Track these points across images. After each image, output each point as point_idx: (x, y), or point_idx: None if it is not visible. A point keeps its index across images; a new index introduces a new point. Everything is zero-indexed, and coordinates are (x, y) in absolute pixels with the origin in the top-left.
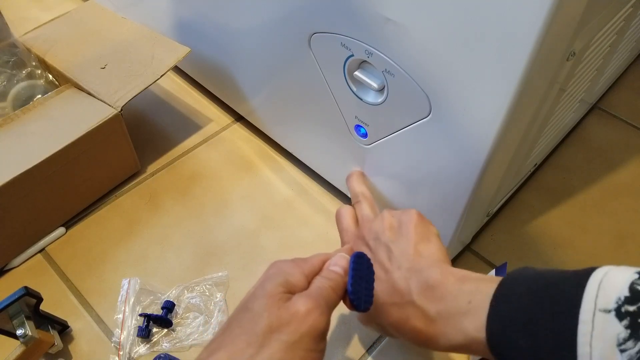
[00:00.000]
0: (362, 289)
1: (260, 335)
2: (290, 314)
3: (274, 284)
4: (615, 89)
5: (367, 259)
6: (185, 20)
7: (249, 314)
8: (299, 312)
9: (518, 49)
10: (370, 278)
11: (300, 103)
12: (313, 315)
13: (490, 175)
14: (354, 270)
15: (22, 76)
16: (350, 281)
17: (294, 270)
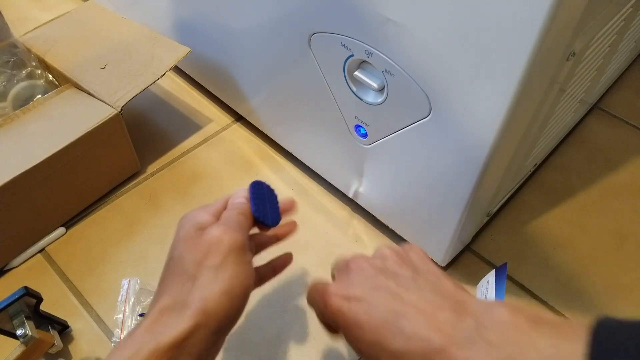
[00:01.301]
0: (266, 208)
1: (190, 271)
2: (207, 242)
3: (186, 229)
4: (615, 89)
5: (266, 185)
6: (185, 20)
7: (175, 260)
8: (214, 237)
9: (518, 49)
10: (272, 199)
11: (300, 103)
12: (227, 235)
13: (490, 175)
14: (254, 194)
15: (22, 76)
16: (252, 202)
17: (201, 213)
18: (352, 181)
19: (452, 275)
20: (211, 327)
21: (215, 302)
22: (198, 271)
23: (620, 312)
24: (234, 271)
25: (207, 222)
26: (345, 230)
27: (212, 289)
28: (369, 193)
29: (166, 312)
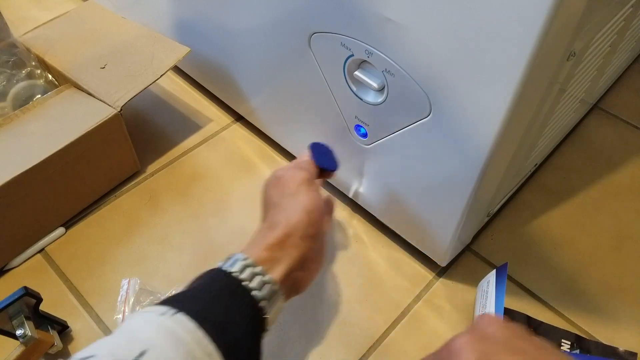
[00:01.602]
0: (325, 159)
1: (275, 201)
2: (284, 180)
3: (270, 180)
4: (615, 89)
5: (323, 143)
6: (185, 20)
7: (266, 199)
8: (288, 175)
9: (518, 48)
10: (330, 152)
11: (300, 103)
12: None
13: (491, 175)
14: (314, 151)
15: (22, 76)
16: (314, 155)
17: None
18: (352, 181)
19: (453, 275)
20: (299, 234)
21: (297, 217)
22: (281, 200)
23: (621, 311)
24: (306, 194)
25: (282, 172)
26: (345, 230)
27: (293, 208)
28: (369, 193)
29: (266, 229)
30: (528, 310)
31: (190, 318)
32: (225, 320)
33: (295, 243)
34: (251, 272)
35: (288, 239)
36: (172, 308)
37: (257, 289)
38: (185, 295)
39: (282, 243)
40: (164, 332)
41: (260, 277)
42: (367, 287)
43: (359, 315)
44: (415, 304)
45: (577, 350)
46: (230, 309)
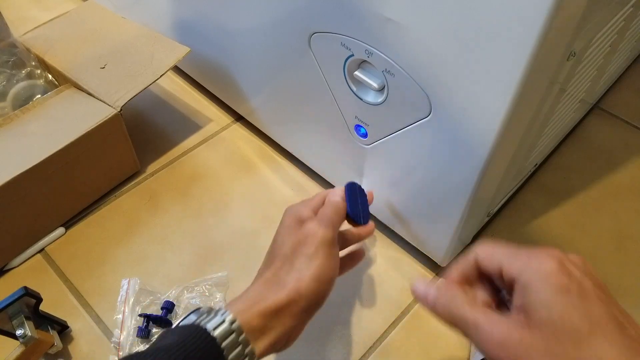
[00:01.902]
0: (359, 208)
1: (288, 254)
2: (305, 234)
3: (289, 220)
4: (615, 89)
5: (359, 185)
6: (185, 20)
7: (278, 244)
8: (310, 230)
9: (518, 48)
10: (364, 201)
11: (300, 103)
12: (321, 230)
13: (491, 175)
14: (350, 195)
15: (22, 76)
16: (348, 203)
17: (302, 208)
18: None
19: None
20: (301, 305)
21: (306, 284)
22: (294, 255)
23: None
24: (324, 261)
25: (306, 216)
26: None
27: (304, 273)
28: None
29: (269, 283)
30: None
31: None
32: None
33: (294, 314)
34: (235, 341)
35: (289, 307)
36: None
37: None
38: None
39: (281, 310)
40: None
41: (242, 348)
42: (367, 287)
43: (359, 315)
44: (416, 304)
45: None
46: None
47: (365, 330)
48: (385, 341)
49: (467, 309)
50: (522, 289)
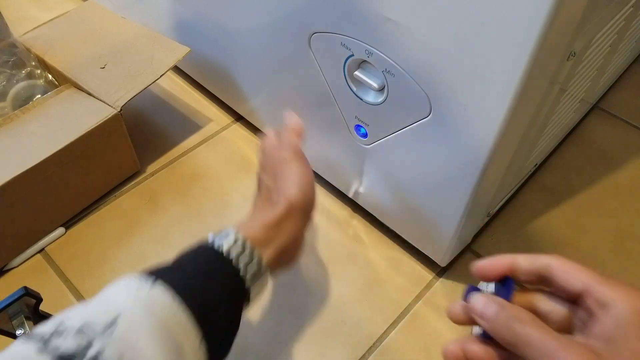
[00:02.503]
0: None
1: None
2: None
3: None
4: (615, 89)
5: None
6: (185, 20)
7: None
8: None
9: (518, 48)
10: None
11: (300, 103)
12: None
13: (491, 175)
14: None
15: (22, 76)
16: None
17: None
18: (352, 181)
19: (453, 275)
20: (296, 213)
21: (294, 195)
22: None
23: None
24: (298, 172)
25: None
26: (345, 230)
27: (289, 189)
28: (369, 193)
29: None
30: None
31: (168, 288)
32: (205, 296)
33: (293, 221)
34: (243, 251)
35: (286, 217)
36: (152, 276)
37: (244, 268)
38: (168, 266)
39: (280, 221)
40: (139, 300)
41: (249, 257)
42: (367, 287)
43: (359, 315)
44: (415, 304)
45: None
46: (212, 285)
47: (365, 330)
48: (385, 341)
49: (535, 331)
50: (615, 319)
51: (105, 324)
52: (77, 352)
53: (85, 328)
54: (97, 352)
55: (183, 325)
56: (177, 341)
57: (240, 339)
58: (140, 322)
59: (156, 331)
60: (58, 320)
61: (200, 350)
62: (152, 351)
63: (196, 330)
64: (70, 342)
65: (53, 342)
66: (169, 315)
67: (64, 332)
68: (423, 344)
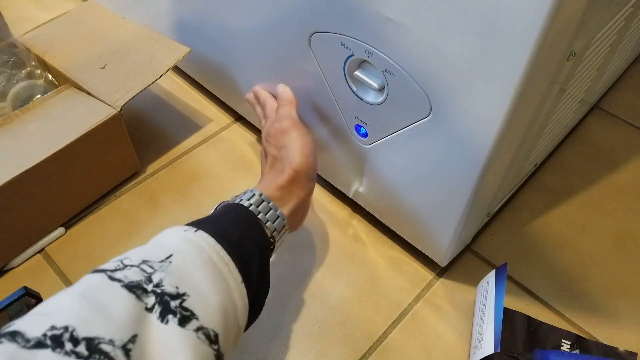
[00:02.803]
0: None
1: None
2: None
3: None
4: (615, 89)
5: None
6: (185, 20)
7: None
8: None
9: (518, 48)
10: None
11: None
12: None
13: (491, 175)
14: None
15: (22, 76)
16: None
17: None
18: (352, 181)
19: (453, 275)
20: (302, 177)
21: (298, 161)
22: (279, 151)
23: (621, 311)
24: (298, 141)
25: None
26: (345, 230)
27: (292, 157)
28: (369, 193)
29: (273, 174)
30: (528, 310)
31: (209, 234)
32: (240, 241)
33: (301, 184)
34: (266, 206)
35: (295, 180)
36: (194, 227)
37: (270, 221)
38: (205, 219)
39: (290, 185)
40: (188, 242)
41: (273, 211)
42: (367, 287)
43: (359, 315)
44: (415, 304)
45: (577, 350)
46: (245, 234)
47: (365, 330)
48: (385, 341)
49: None
50: None
51: (162, 259)
52: (141, 281)
53: (145, 263)
54: (158, 281)
55: (226, 262)
56: (223, 275)
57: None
58: (191, 257)
59: (205, 264)
60: (118, 259)
61: (242, 287)
62: (204, 279)
63: (237, 270)
64: (133, 274)
65: (118, 274)
66: (214, 253)
67: (126, 267)
68: (423, 344)
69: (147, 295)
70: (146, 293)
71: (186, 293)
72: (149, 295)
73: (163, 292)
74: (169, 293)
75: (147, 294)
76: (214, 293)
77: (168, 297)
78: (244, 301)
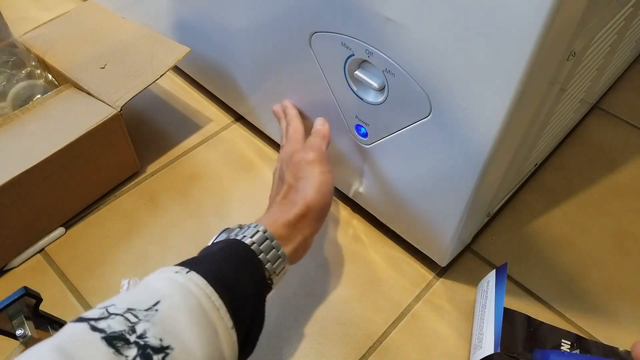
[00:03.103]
0: None
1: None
2: (298, 161)
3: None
4: (615, 89)
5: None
6: (185, 20)
7: (280, 178)
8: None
9: (518, 48)
10: None
11: (300, 103)
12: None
13: (491, 175)
14: None
15: (22, 76)
16: None
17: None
18: (352, 181)
19: (453, 275)
20: (312, 215)
21: (312, 198)
22: (296, 181)
23: (621, 311)
24: (319, 177)
25: (297, 149)
26: (345, 230)
27: (308, 191)
28: (369, 193)
29: (283, 205)
30: (528, 310)
31: (201, 276)
32: (235, 282)
33: (309, 223)
34: (269, 245)
35: (304, 218)
36: (186, 267)
37: (271, 262)
38: (199, 258)
39: (298, 222)
40: (177, 286)
41: (275, 251)
42: (367, 287)
43: (359, 315)
44: (415, 304)
45: (577, 350)
46: (242, 274)
47: (365, 330)
48: (385, 341)
49: None
50: None
51: (148, 307)
52: (124, 331)
53: (130, 312)
54: (142, 332)
55: (217, 307)
56: (212, 322)
57: None
58: (179, 305)
59: (193, 312)
60: (103, 305)
61: (232, 333)
62: (190, 330)
63: (228, 315)
64: (117, 324)
65: (101, 324)
66: (204, 298)
67: (111, 315)
68: (423, 344)
69: (129, 347)
70: (128, 344)
71: (170, 346)
72: (130, 347)
73: (146, 345)
74: (152, 346)
75: (129, 346)
76: (199, 345)
77: (151, 350)
78: (232, 348)
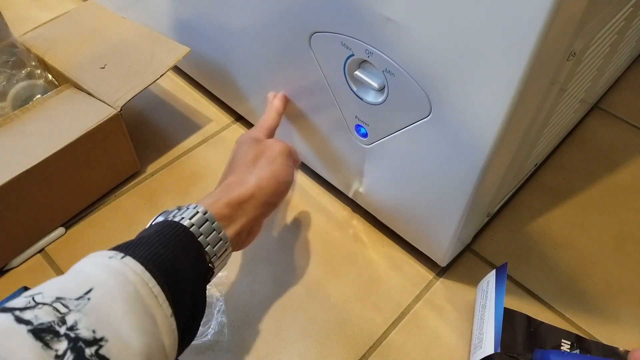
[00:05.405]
0: None
1: (250, 161)
2: (264, 146)
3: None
4: (615, 89)
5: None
6: (185, 20)
7: (240, 155)
8: (270, 143)
9: (518, 48)
10: None
11: (300, 103)
12: (279, 144)
13: (491, 175)
14: None
15: (22, 76)
16: None
17: (256, 131)
18: (352, 181)
19: (453, 275)
20: (261, 198)
21: (267, 181)
22: (256, 161)
23: (621, 311)
24: (281, 166)
25: (262, 137)
26: (345, 230)
27: (265, 173)
28: (369, 193)
29: (233, 184)
30: (528, 310)
31: (138, 262)
32: (174, 266)
33: (255, 206)
34: (209, 227)
35: (250, 199)
36: (121, 252)
37: (211, 244)
38: (135, 242)
39: (243, 202)
40: (112, 272)
41: (216, 233)
42: (367, 287)
43: (359, 315)
44: (415, 304)
45: (577, 350)
46: (180, 258)
47: (365, 330)
48: (385, 341)
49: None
50: None
51: (79, 296)
52: (53, 323)
53: (59, 301)
54: (72, 323)
55: (155, 294)
56: (149, 310)
57: (240, 338)
58: (113, 292)
59: (130, 299)
60: (30, 294)
61: (171, 321)
62: (126, 320)
63: (167, 302)
64: (45, 314)
65: (27, 314)
66: (141, 285)
67: (38, 305)
68: (423, 344)
69: (59, 340)
70: (57, 337)
71: (104, 338)
72: (60, 340)
73: (77, 337)
74: (84, 338)
75: (59, 339)
76: (137, 335)
77: (83, 343)
78: (172, 336)
